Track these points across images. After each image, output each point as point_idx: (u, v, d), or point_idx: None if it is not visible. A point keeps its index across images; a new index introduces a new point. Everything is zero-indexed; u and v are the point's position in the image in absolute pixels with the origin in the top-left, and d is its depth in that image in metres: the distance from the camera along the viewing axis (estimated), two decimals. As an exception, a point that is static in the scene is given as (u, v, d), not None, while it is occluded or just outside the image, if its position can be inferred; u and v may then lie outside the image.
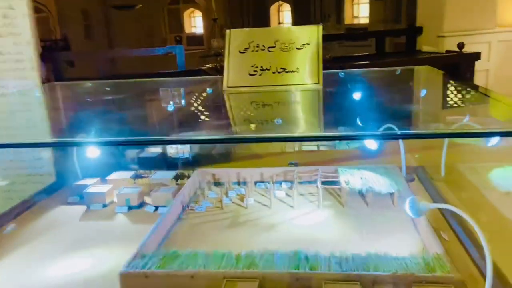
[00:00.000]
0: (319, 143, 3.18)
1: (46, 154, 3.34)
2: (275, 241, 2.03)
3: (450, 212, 2.14)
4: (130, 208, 2.51)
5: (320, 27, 2.18)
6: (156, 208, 2.49)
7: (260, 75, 2.20)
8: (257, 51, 2.22)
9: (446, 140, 2.60)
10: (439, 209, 2.30)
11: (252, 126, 1.98)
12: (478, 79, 6.86)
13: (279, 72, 2.19)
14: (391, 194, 2.33)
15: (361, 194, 2.42)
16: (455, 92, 2.33)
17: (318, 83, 2.15)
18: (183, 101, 2.73)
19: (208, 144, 2.74)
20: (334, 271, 1.56)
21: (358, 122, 1.79)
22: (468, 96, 2.27)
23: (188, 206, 2.48)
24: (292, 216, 2.30)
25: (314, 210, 2.35)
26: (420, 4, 7.63)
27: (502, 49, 7.29)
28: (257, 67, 2.21)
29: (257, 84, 2.20)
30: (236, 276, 1.57)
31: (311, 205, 2.40)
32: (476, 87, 2.44)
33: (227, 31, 2.27)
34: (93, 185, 2.66)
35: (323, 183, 2.43)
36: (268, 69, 2.19)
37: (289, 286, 1.55)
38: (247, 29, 2.27)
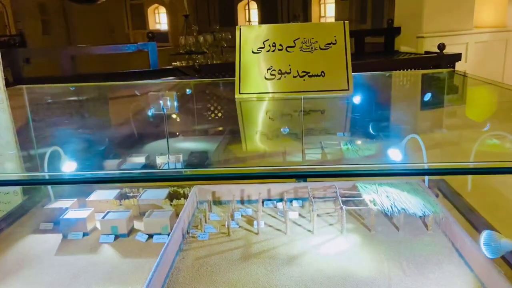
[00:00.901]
0: (325, 150, 2.88)
1: (10, 165, 2.84)
2: (299, 278, 1.70)
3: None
4: (117, 236, 2.11)
5: (347, 23, 1.87)
6: (150, 236, 2.10)
7: (278, 79, 1.86)
8: (273, 51, 1.87)
9: (474, 148, 2.37)
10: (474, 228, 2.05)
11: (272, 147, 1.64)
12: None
13: (301, 76, 1.86)
14: (423, 216, 2.05)
15: (386, 215, 2.13)
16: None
17: (348, 89, 1.84)
18: (176, 107, 2.35)
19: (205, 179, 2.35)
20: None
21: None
22: None
23: (188, 233, 2.10)
24: (313, 243, 1.97)
25: (337, 236, 2.03)
26: (398, 4, 7.54)
27: (479, 50, 7.32)
28: (274, 70, 1.87)
29: (276, 91, 1.86)
30: None
31: (332, 229, 2.09)
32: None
33: (237, 27, 1.91)
34: (70, 209, 2.23)
35: (344, 202, 2.12)
36: (288, 73, 1.86)
37: None
38: (261, 25, 1.91)
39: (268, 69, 1.86)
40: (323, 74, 1.85)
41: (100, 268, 1.87)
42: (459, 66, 6.54)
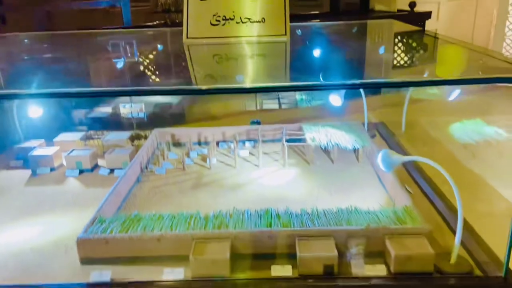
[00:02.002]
0: (282, 101, 3.10)
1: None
2: (243, 201, 1.96)
3: (413, 165, 2.17)
4: (81, 171, 2.33)
5: (286, -28, 2.04)
6: (111, 170, 2.32)
7: (223, 25, 2.04)
8: (219, -2, 2.04)
9: (408, 95, 2.61)
10: (403, 163, 2.33)
11: (216, 81, 1.84)
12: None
13: (243, 22, 2.04)
14: (356, 150, 2.32)
15: (326, 151, 2.39)
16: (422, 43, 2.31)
17: (285, 34, 2.03)
18: (136, 54, 2.51)
19: (171, 94, 2.55)
20: (307, 228, 1.51)
21: (323, 74, 1.71)
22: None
23: (147, 168, 2.33)
24: (258, 175, 2.23)
25: (279, 168, 2.29)
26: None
27: (451, 9, 7.48)
28: (219, 16, 2.04)
29: (220, 35, 2.04)
30: (207, 237, 1.48)
31: (276, 164, 2.34)
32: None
33: (185, -25, 2.07)
34: (38, 148, 2.43)
35: (288, 140, 2.37)
36: (232, 19, 2.04)
37: (261, 244, 1.49)
38: (206, -26, 2.07)
39: (214, 15, 2.04)
40: (263, 20, 2.04)
41: (65, 196, 2.10)
42: (430, 24, 6.72)
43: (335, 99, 2.48)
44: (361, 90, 2.55)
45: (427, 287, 1.33)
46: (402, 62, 1.99)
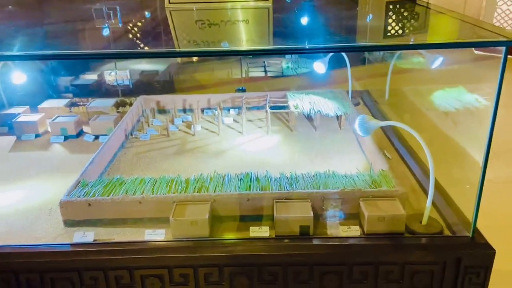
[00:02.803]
0: (268, 69, 3.10)
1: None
2: (225, 166, 1.99)
3: (393, 132, 2.21)
4: (66, 137, 2.34)
5: None
6: (96, 137, 2.33)
7: (205, -10, 2.01)
8: (201, -38, 2.01)
9: (392, 63, 2.62)
10: (382, 129, 2.37)
11: (197, 45, 1.84)
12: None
13: (226, -13, 2.02)
14: (338, 117, 2.35)
15: (309, 118, 2.41)
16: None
17: (268, 0, 2.02)
18: (120, 20, 2.48)
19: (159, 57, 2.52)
20: (284, 191, 1.55)
21: (308, 40, 1.72)
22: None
23: (132, 134, 2.35)
24: (241, 142, 2.26)
25: (263, 135, 2.32)
26: None
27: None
28: (201, -20, 2.01)
29: (202, 0, 2.02)
30: (187, 200, 1.52)
31: (260, 131, 2.37)
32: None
33: None
34: (23, 114, 2.42)
35: (272, 107, 2.38)
36: (214, -17, 2.01)
37: (241, 207, 1.54)
38: None
39: (196, -21, 2.01)
40: (246, -15, 2.01)
41: (49, 162, 2.12)
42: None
43: (319, 66, 2.48)
44: (346, 58, 2.55)
45: (398, 247, 1.39)
46: (392, 31, 1.99)
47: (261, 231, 1.47)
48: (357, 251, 1.40)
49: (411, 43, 1.75)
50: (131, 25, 2.24)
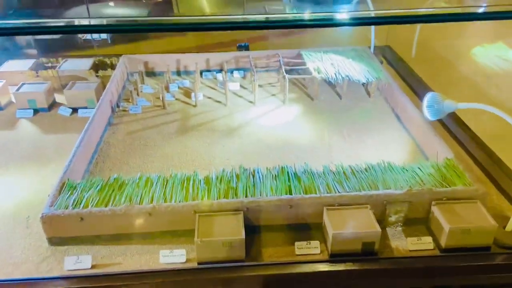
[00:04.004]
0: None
1: None
2: (241, 150, 1.62)
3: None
4: (36, 111, 1.88)
5: None
6: (74, 110, 1.89)
7: None
8: None
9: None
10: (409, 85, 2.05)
11: None
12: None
13: None
14: (365, 83, 1.98)
15: (331, 83, 2.04)
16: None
17: None
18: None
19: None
20: (336, 193, 1.22)
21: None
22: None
23: (118, 106, 1.92)
24: (255, 114, 1.87)
25: (279, 106, 1.94)
26: None
27: None
28: None
29: None
30: (212, 209, 1.17)
31: (274, 100, 1.99)
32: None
33: None
34: (-24, 82, 1.93)
35: (288, 72, 1.99)
36: None
37: (281, 215, 1.20)
38: None
39: None
40: None
41: (18, 145, 1.68)
42: None
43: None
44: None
45: (487, 266, 1.11)
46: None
47: (310, 247, 1.15)
48: (435, 272, 1.11)
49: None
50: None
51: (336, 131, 1.73)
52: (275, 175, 1.29)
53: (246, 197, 1.21)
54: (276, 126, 1.78)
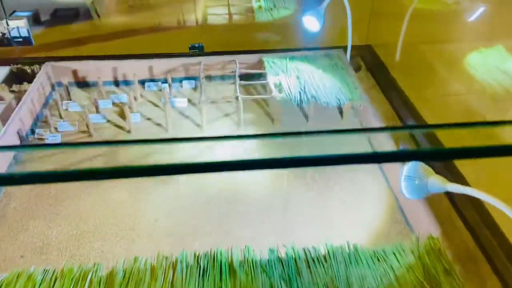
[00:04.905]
0: (232, 10, 2.23)
1: None
2: (176, 205, 1.29)
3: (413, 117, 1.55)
4: None
5: None
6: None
7: None
8: None
9: (411, 8, 1.85)
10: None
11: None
12: None
13: None
14: (338, 105, 1.63)
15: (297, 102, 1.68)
16: None
17: None
18: None
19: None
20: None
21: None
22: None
23: (33, 134, 1.55)
24: (200, 146, 1.52)
25: (232, 129, 1.59)
26: None
27: None
28: None
29: None
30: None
31: (227, 122, 1.63)
32: None
33: None
34: None
35: (244, 79, 1.61)
36: None
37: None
38: None
39: None
40: None
41: None
42: None
43: (310, 22, 1.69)
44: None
45: None
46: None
47: None
48: None
49: None
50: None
51: (299, 173, 1.40)
52: (204, 268, 0.97)
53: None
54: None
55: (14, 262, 1.12)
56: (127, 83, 1.84)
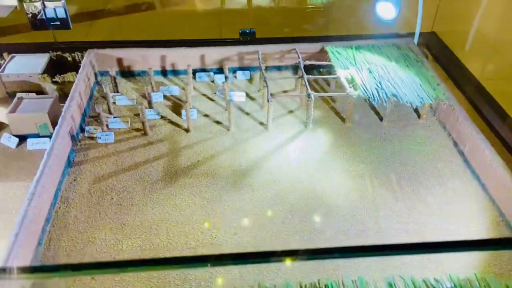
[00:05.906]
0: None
1: None
2: (255, 214, 1.17)
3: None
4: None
5: None
6: (22, 137, 1.38)
7: None
8: None
9: None
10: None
11: None
12: None
13: None
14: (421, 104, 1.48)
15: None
16: None
17: None
18: None
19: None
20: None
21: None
22: None
23: (82, 132, 1.41)
24: (269, 147, 1.38)
25: (300, 131, 1.44)
26: None
27: None
28: None
29: None
30: None
31: (292, 120, 1.49)
32: None
33: None
34: None
35: (307, 72, 1.46)
36: None
37: None
38: None
39: None
40: None
41: None
42: None
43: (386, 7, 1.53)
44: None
45: None
46: None
47: None
48: None
49: None
50: None
51: (381, 178, 1.27)
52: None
53: None
54: (299, 171, 1.30)
55: (85, 285, 1.00)
56: (175, 72, 1.69)
